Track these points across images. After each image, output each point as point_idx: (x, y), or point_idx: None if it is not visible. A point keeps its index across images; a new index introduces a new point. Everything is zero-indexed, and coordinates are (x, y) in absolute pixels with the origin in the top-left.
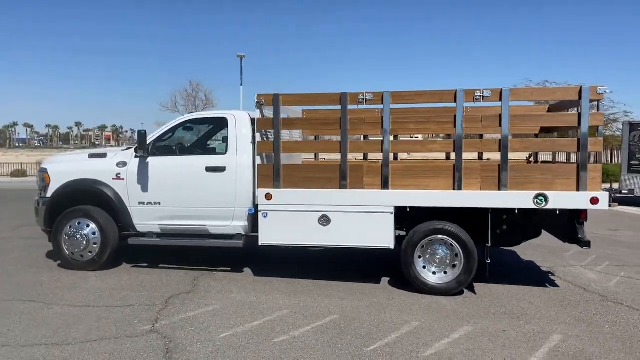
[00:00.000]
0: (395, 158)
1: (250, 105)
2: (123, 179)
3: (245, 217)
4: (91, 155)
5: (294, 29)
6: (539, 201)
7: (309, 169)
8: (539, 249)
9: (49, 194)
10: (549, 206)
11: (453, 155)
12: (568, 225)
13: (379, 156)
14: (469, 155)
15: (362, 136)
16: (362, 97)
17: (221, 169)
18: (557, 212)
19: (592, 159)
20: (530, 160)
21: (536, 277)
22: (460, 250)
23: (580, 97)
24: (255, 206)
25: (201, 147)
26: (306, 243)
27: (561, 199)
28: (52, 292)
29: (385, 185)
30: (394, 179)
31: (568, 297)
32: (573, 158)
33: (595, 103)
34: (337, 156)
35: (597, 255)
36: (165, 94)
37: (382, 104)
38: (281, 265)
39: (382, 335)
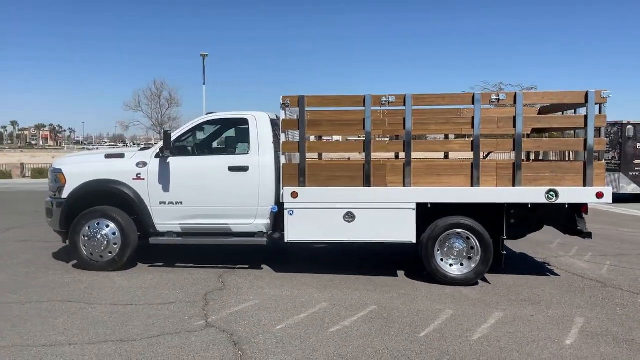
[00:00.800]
0: (397, 157)
1: (212, 105)
2: (144, 179)
3: (267, 215)
4: (108, 156)
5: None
6: (550, 196)
7: (333, 167)
8: (526, 242)
9: (65, 195)
10: (559, 201)
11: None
12: (569, 219)
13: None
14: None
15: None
16: (385, 99)
17: (244, 169)
18: (566, 206)
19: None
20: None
21: (535, 267)
22: (478, 243)
23: (586, 101)
24: (278, 204)
25: (222, 147)
26: (331, 239)
27: (570, 194)
28: (84, 292)
29: (407, 182)
30: (416, 176)
31: (573, 285)
32: (569, 156)
33: (598, 106)
34: (337, 155)
35: (579, 247)
36: (127, 94)
37: (405, 105)
38: (297, 262)
39: (426, 322)
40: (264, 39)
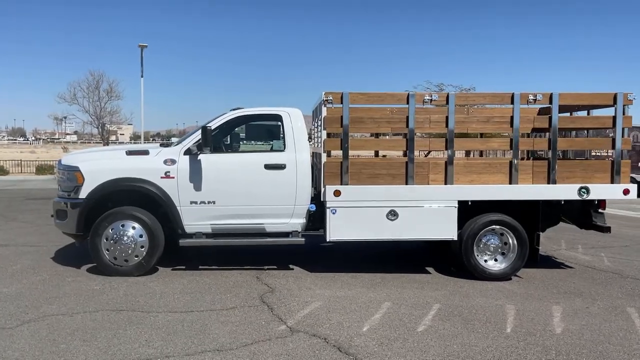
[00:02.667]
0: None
1: (150, 98)
2: (173, 178)
3: (304, 214)
4: (130, 152)
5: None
6: (582, 193)
7: (375, 165)
8: None
9: (83, 195)
10: (590, 197)
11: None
12: (588, 214)
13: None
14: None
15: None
16: (428, 97)
17: (281, 167)
18: (596, 201)
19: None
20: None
21: (545, 261)
22: (515, 239)
23: (615, 102)
24: (316, 203)
25: (257, 144)
26: (374, 237)
27: (600, 191)
28: (127, 299)
29: (449, 180)
30: (457, 175)
31: (594, 276)
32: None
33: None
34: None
35: (565, 240)
36: (61, 86)
37: (447, 104)
38: (323, 261)
39: (501, 318)
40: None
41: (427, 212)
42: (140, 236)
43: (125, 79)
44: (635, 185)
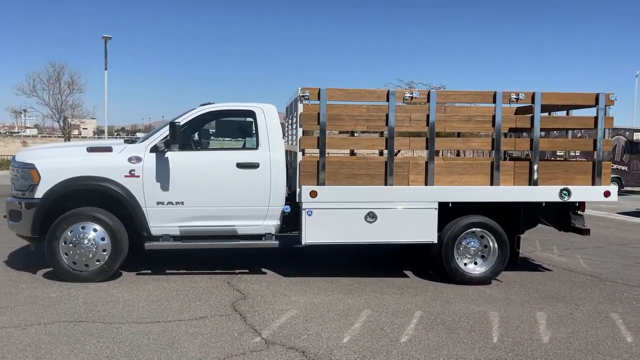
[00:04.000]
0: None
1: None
2: (138, 177)
3: (278, 215)
4: (91, 149)
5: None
6: (563, 194)
7: (353, 165)
8: None
9: (39, 194)
10: (571, 199)
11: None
12: (566, 216)
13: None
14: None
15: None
16: (409, 94)
17: (254, 165)
18: (577, 204)
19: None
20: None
21: (522, 263)
22: (495, 242)
23: (596, 103)
24: (290, 204)
25: (228, 142)
26: (352, 241)
27: (581, 193)
28: (87, 309)
29: (429, 181)
30: (437, 175)
31: (573, 279)
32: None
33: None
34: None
35: (540, 241)
36: (20, 77)
37: (429, 102)
38: (296, 265)
39: (485, 327)
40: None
41: (407, 214)
42: (102, 239)
43: (90, 71)
44: (616, 188)
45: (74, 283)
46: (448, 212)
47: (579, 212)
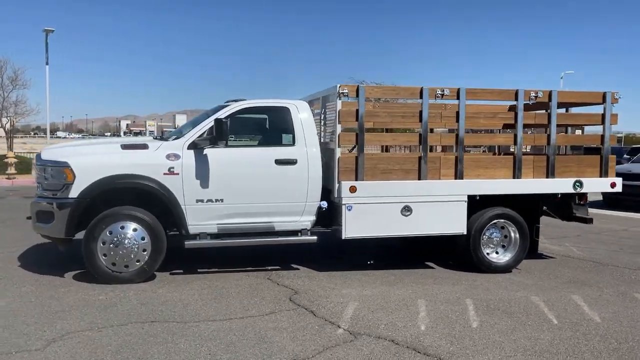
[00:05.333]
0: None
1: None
2: (177, 174)
3: (314, 211)
4: (126, 147)
5: None
6: (577, 186)
7: (388, 161)
8: None
9: (74, 194)
10: (583, 190)
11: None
12: (568, 207)
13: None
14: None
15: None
16: (440, 91)
17: (292, 162)
18: (587, 194)
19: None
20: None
21: None
22: (517, 232)
23: (604, 100)
24: (325, 199)
25: (265, 139)
26: (389, 234)
27: (591, 184)
28: (150, 309)
29: (459, 175)
30: (466, 170)
31: (579, 265)
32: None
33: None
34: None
35: None
36: None
37: (458, 99)
38: (322, 259)
39: (538, 310)
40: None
41: (439, 207)
42: (142, 239)
43: (39, 67)
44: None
45: (115, 285)
46: (474, 205)
47: (582, 202)
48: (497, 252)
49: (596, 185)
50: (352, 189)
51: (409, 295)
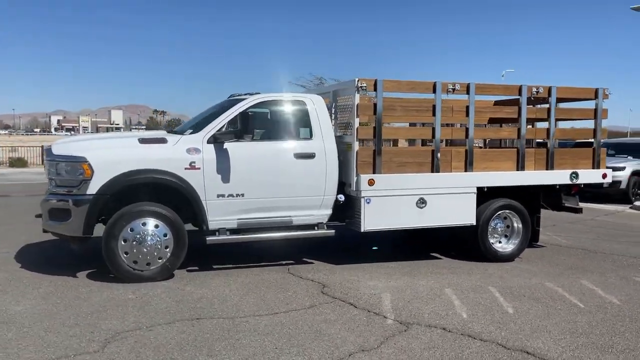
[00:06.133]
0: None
1: None
2: (199, 169)
3: (331, 204)
4: (144, 141)
5: None
6: (572, 177)
7: (404, 154)
8: None
9: (93, 190)
10: (579, 181)
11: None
12: (559, 197)
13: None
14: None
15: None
16: (451, 86)
17: (311, 156)
18: (582, 185)
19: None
20: None
21: None
22: (520, 222)
23: (596, 96)
24: (341, 193)
25: (281, 132)
26: (405, 226)
27: (585, 175)
28: (189, 307)
29: (469, 168)
30: (475, 162)
31: (571, 253)
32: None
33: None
34: None
35: None
36: None
37: (468, 94)
38: (333, 253)
39: (560, 295)
40: None
41: (451, 199)
42: (165, 235)
43: None
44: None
45: (137, 284)
46: (481, 196)
47: (572, 193)
48: (500, 242)
49: (589, 177)
50: (371, 182)
51: (434, 285)
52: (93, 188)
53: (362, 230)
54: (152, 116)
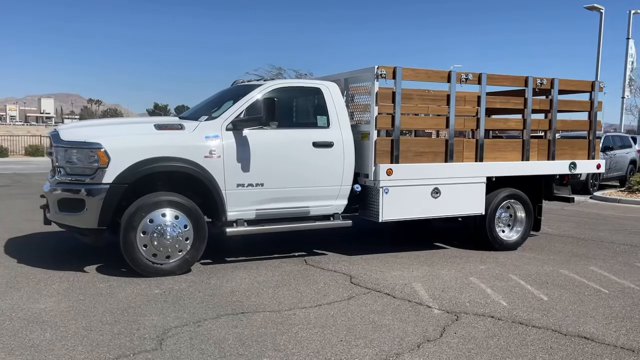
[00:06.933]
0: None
1: None
2: (219, 157)
3: (347, 195)
4: (160, 127)
5: None
6: (571, 167)
7: (420, 144)
8: None
9: (109, 178)
10: (576, 171)
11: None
12: (551, 187)
13: None
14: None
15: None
16: (464, 76)
17: (329, 144)
18: (580, 175)
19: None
20: None
21: None
22: (523, 211)
23: (592, 89)
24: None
25: (298, 120)
26: (421, 216)
27: (582, 166)
28: (225, 300)
29: (479, 158)
30: (485, 152)
31: (565, 241)
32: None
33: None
34: None
35: None
36: None
37: (480, 84)
38: (342, 244)
39: (579, 282)
40: None
41: (463, 189)
42: (185, 226)
43: None
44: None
45: (158, 278)
46: (489, 186)
47: (564, 183)
48: (503, 231)
49: (586, 167)
50: (389, 172)
51: (457, 274)
52: (109, 177)
53: (380, 220)
54: (86, 105)
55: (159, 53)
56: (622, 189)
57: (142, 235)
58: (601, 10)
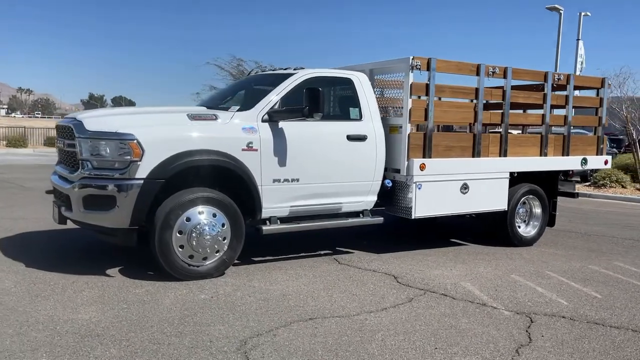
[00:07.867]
0: None
1: None
2: (256, 150)
3: (377, 190)
4: (193, 117)
5: None
6: (583, 163)
7: (450, 138)
8: None
9: (142, 173)
10: (587, 167)
11: None
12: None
13: None
14: None
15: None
16: (492, 69)
17: (362, 138)
18: (589, 171)
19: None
20: None
21: None
22: (540, 207)
23: (602, 86)
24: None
25: (334, 112)
26: (451, 212)
27: (592, 161)
28: (285, 306)
29: (504, 153)
30: (509, 147)
31: (575, 237)
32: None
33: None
34: None
35: None
36: None
37: (505, 78)
38: (363, 241)
39: (612, 278)
40: None
41: (489, 184)
42: (223, 225)
43: None
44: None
45: (195, 282)
46: (511, 182)
47: (569, 178)
48: (519, 227)
49: (595, 162)
50: (422, 167)
51: (497, 272)
52: (143, 171)
53: (413, 217)
54: (15, 95)
55: (98, 41)
56: (587, 184)
57: (178, 235)
58: (560, 11)
